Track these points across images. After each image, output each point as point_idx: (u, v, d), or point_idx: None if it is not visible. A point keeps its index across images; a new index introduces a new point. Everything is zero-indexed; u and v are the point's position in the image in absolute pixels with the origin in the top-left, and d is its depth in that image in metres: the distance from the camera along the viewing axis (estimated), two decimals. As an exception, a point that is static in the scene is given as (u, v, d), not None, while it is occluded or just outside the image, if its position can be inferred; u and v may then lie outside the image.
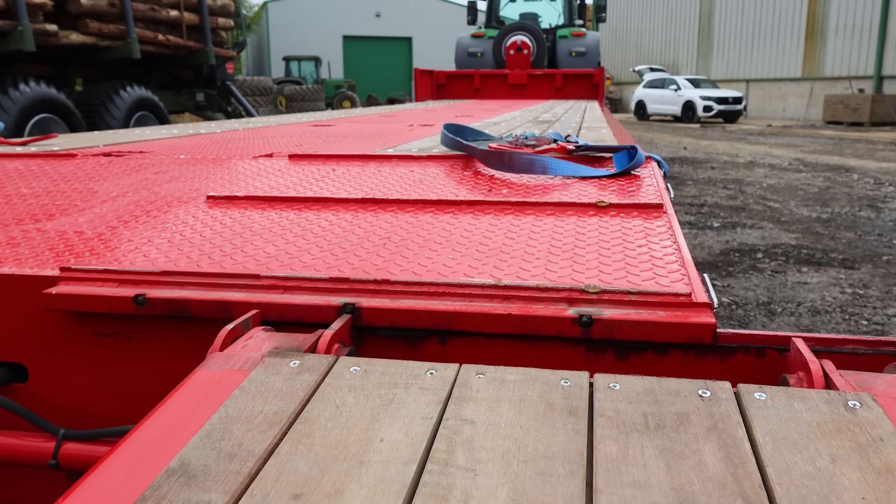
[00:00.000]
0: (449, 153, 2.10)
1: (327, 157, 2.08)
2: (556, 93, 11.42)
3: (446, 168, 1.91)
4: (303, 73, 31.75)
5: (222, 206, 1.58)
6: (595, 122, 4.19)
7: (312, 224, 1.41)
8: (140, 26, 8.07)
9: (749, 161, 11.70)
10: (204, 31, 9.22)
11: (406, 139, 2.83)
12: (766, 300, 3.83)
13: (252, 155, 2.26)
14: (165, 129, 3.68)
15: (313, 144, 2.60)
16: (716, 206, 7.21)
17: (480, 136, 2.29)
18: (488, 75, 11.68)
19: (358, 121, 4.58)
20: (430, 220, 1.41)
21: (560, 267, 1.13)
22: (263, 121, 4.59)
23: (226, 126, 4.01)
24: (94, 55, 7.67)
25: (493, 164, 1.81)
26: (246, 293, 1.09)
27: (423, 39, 43.98)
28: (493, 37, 12.57)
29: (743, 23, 27.70)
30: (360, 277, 1.09)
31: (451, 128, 2.24)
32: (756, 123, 24.01)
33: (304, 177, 1.84)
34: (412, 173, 1.85)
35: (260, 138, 2.94)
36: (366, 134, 3.22)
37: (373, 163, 2.01)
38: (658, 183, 1.68)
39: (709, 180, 9.33)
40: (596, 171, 1.77)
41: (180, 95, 10.10)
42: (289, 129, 3.59)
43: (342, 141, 2.76)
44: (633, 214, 1.42)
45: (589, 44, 12.61)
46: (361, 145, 2.55)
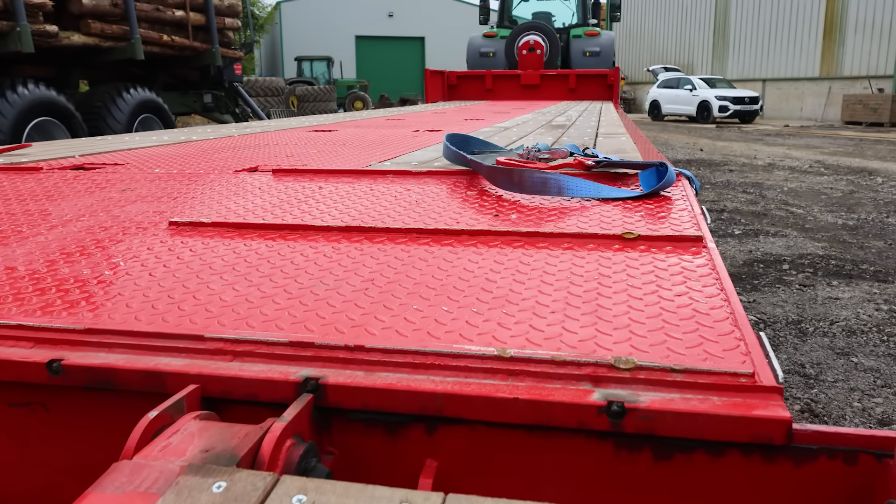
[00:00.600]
0: (452, 168, 1.87)
1: (315, 172, 1.86)
2: (570, 93, 11.16)
3: (448, 186, 1.68)
4: (315, 74, 31.62)
5: (185, 234, 1.36)
6: (612, 126, 3.95)
7: (284, 260, 1.19)
8: (144, 27, 7.90)
9: (768, 163, 11.40)
10: (210, 32, 9.04)
11: (408, 148, 2.61)
12: (795, 318, 3.57)
13: (235, 168, 2.05)
14: (156, 136, 3.48)
15: (306, 155, 2.38)
16: (736, 212, 6.93)
17: (487, 147, 2.06)
18: (500, 76, 11.43)
19: (362, 125, 4.36)
20: (424, 256, 1.19)
21: (580, 325, 0.90)
22: (262, 125, 4.38)
23: (221, 132, 3.80)
24: (97, 56, 7.50)
25: (500, 183, 1.58)
26: (186, 359, 0.87)
27: (436, 39, 43.79)
28: (505, 37, 12.32)
29: (759, 21, 27.29)
30: (329, 342, 0.86)
31: (455, 139, 2.01)
32: (773, 124, 23.62)
33: (286, 196, 1.62)
34: (408, 193, 1.63)
35: (250, 147, 2.73)
36: (366, 141, 3.00)
37: (366, 179, 1.79)
38: (693, 207, 1.45)
39: (727, 184, 9.05)
40: (619, 191, 1.54)
41: (187, 97, 9.93)
42: (286, 136, 3.37)
43: (339, 150, 2.54)
44: (666, 249, 1.19)
45: (603, 43, 12.34)
46: (358, 156, 2.33)
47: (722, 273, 1.08)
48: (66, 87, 7.61)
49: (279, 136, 3.41)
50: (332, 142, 2.97)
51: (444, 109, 7.05)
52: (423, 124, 4.35)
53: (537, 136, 3.20)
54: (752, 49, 27.78)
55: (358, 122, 4.66)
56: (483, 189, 1.65)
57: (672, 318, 0.92)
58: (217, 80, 10.23)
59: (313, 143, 2.89)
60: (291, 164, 2.09)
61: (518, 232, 1.27)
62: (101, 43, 7.23)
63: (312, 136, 3.42)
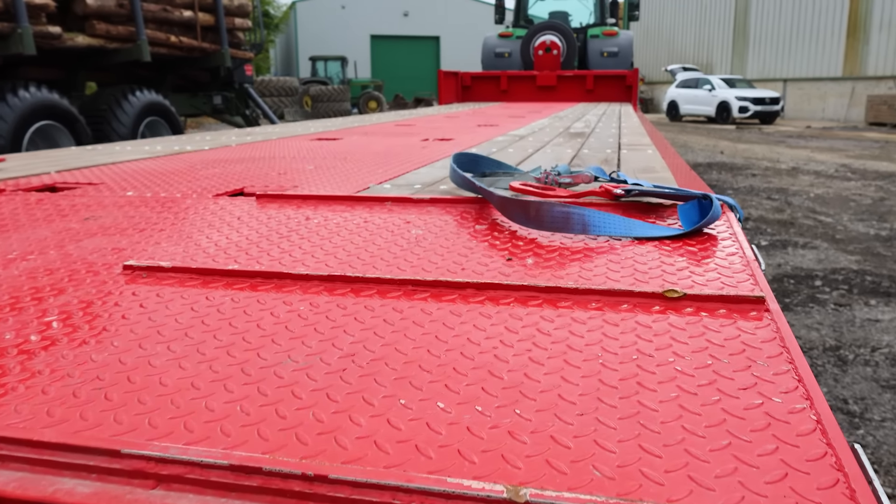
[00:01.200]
0: (459, 195, 1.65)
1: (304, 198, 1.65)
2: (587, 95, 10.89)
3: (453, 218, 1.46)
4: (329, 74, 31.51)
5: (139, 282, 1.15)
6: (635, 135, 3.70)
7: (250, 321, 0.97)
8: (152, 27, 7.74)
9: (792, 167, 11.07)
10: (220, 33, 8.87)
11: (414, 163, 2.39)
12: (833, 343, 3.32)
13: (218, 190, 1.83)
14: (148, 146, 3.28)
15: (301, 172, 2.17)
16: (761, 221, 6.66)
17: (500, 168, 1.83)
18: (516, 77, 11.19)
19: (369, 132, 4.15)
20: (420, 318, 0.97)
21: (618, 438, 0.68)
22: (265, 132, 4.17)
23: (220, 140, 3.60)
24: (103, 58, 7.34)
25: (514, 217, 1.35)
26: (95, 483, 0.65)
27: (451, 39, 43.62)
28: (521, 36, 12.07)
29: (781, 19, 26.83)
30: (282, 469, 0.64)
31: (463, 159, 1.79)
32: (794, 125, 23.18)
33: (267, 230, 1.41)
34: (407, 226, 1.40)
35: (244, 161, 2.52)
36: (370, 154, 2.78)
37: (360, 207, 1.57)
38: (744, 249, 1.22)
39: (751, 189, 8.75)
40: (655, 228, 1.31)
41: (196, 99, 9.78)
42: (285, 146, 3.16)
43: (338, 166, 2.32)
44: (719, 313, 0.96)
45: (622, 43, 12.06)
46: (358, 174, 2.12)
47: (794, 352, 0.85)
48: (72, 89, 7.47)
49: (278, 146, 3.20)
50: (333, 154, 2.76)
51: (457, 113, 6.83)
52: (434, 131, 4.13)
53: (555, 147, 2.96)
54: (773, 48, 27.31)
55: (365, 129, 4.45)
56: (494, 221, 1.42)
57: (740, 429, 0.69)
58: (227, 81, 10.07)
59: (312, 156, 2.68)
60: (281, 186, 1.88)
61: (535, 287, 1.04)
62: (107, 44, 7.07)
63: (314, 146, 3.21)
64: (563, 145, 3.06)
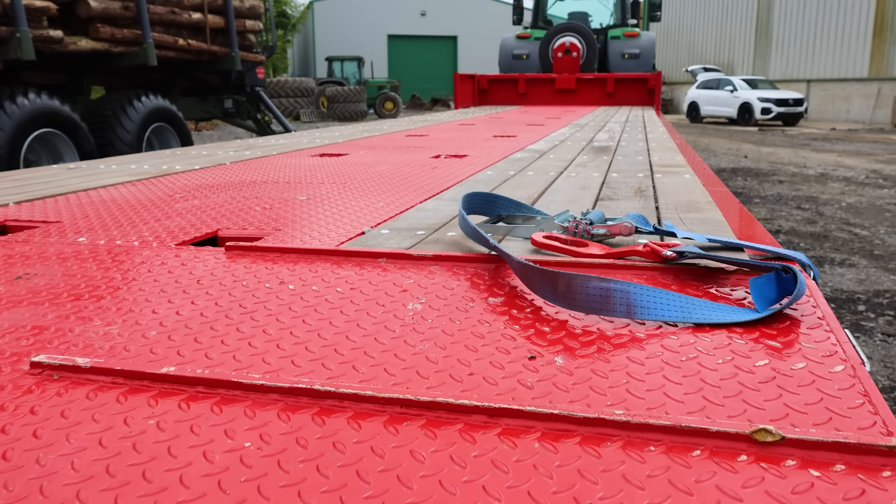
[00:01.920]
0: (469, 250, 1.36)
1: (283, 251, 1.36)
2: (607, 98, 10.56)
3: (460, 285, 1.17)
4: (345, 74, 31.31)
5: (47, 384, 0.87)
6: (665, 150, 3.39)
7: (171, 471, 0.69)
8: (159, 30, 7.52)
9: (820, 173, 10.67)
10: (230, 35, 8.64)
11: (421, 191, 2.11)
12: (888, 383, 2.99)
13: (187, 234, 1.56)
14: (135, 164, 3.02)
15: (289, 206, 1.89)
16: (793, 234, 6.31)
17: (518, 209, 1.54)
18: (534, 79, 10.88)
19: (377, 145, 3.87)
20: (409, 470, 0.68)
21: None
22: (266, 146, 3.91)
23: (216, 156, 3.34)
24: (109, 62, 7.13)
25: (539, 289, 1.06)
26: None
27: (469, 38, 43.37)
28: (539, 38, 11.76)
29: (804, 19, 26.28)
30: None
31: (475, 201, 1.50)
32: (818, 127, 22.66)
33: (227, 303, 1.13)
34: (403, 296, 1.12)
35: (229, 188, 2.24)
36: (374, 176, 2.50)
37: (347, 266, 1.28)
38: (841, 343, 0.92)
39: (779, 198, 8.39)
40: (720, 310, 1.01)
41: (207, 102, 9.56)
42: (283, 165, 2.89)
43: (333, 197, 2.04)
44: (835, 471, 0.67)
45: (643, 45, 11.72)
46: (355, 207, 1.84)
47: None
48: (77, 94, 7.27)
49: (276, 164, 2.93)
50: (333, 177, 2.48)
51: (473, 120, 6.54)
52: (446, 144, 3.84)
53: (579, 169, 2.67)
54: (797, 48, 26.77)
55: (374, 141, 4.17)
56: (513, 290, 1.13)
57: None
58: (238, 84, 9.84)
59: (309, 180, 2.40)
60: (261, 228, 1.60)
61: (570, 417, 0.75)
62: (112, 48, 6.86)
63: (314, 164, 2.93)
64: (587, 165, 2.76)
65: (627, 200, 1.89)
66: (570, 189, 2.11)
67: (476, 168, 2.73)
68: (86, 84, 7.42)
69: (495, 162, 2.93)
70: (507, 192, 2.08)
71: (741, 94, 23.51)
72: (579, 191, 2.07)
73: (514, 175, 2.48)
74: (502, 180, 2.35)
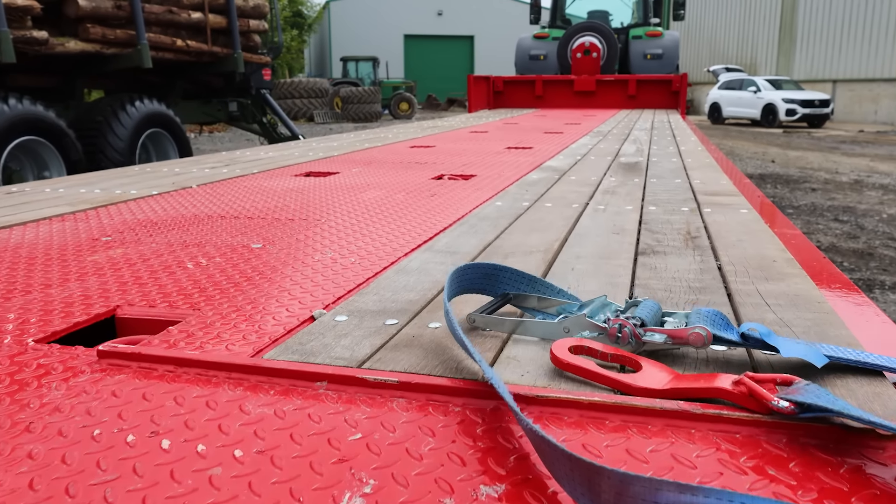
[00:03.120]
0: (454, 355, 0.91)
1: (177, 362, 0.92)
2: (629, 101, 10.06)
3: (432, 451, 0.71)
4: (360, 74, 30.91)
5: None
6: (706, 168, 2.92)
7: None
8: (156, 31, 7.13)
9: (854, 180, 10.11)
10: (232, 35, 8.24)
11: (412, 233, 1.66)
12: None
13: (75, 314, 1.12)
14: (86, 187, 2.59)
15: (235, 257, 1.45)
16: (834, 251, 5.80)
17: (531, 286, 1.08)
18: (552, 81, 10.39)
19: (375, 160, 3.42)
20: None
21: None
22: (249, 162, 3.47)
23: (188, 175, 2.91)
24: (100, 64, 6.75)
25: (566, 482, 0.61)
26: None
27: (485, 38, 42.93)
28: (557, 38, 11.27)
29: (830, 17, 25.54)
30: None
31: (469, 277, 1.04)
32: (845, 129, 21.95)
33: (64, 474, 0.68)
34: (340, 475, 0.67)
35: (172, 228, 1.80)
36: (360, 206, 2.05)
37: (271, 393, 0.83)
38: None
39: (813, 209, 7.86)
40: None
41: (210, 106, 9.16)
42: (256, 190, 2.45)
43: (300, 241, 1.60)
44: None
45: (666, 45, 11.21)
46: (317, 263, 1.40)
47: None
48: (69, 98, 6.90)
49: (248, 188, 2.48)
50: (306, 212, 2.03)
51: (486, 126, 6.08)
52: (453, 158, 3.39)
53: (608, 197, 2.20)
54: (822, 47, 26.03)
55: (372, 155, 3.72)
56: (523, 469, 0.68)
57: None
58: (243, 87, 9.45)
59: (276, 215, 1.96)
60: (175, 303, 1.15)
61: None
62: (104, 50, 6.46)
63: (294, 188, 2.49)
64: (617, 192, 2.30)
65: (677, 255, 1.43)
66: (600, 233, 1.65)
67: (482, 195, 2.28)
68: (78, 87, 7.05)
69: (506, 186, 2.47)
70: (520, 237, 1.62)
71: (765, 95, 22.85)
72: (611, 237, 1.61)
73: (528, 208, 2.03)
74: (513, 216, 1.89)
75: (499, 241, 1.58)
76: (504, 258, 1.43)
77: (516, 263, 1.37)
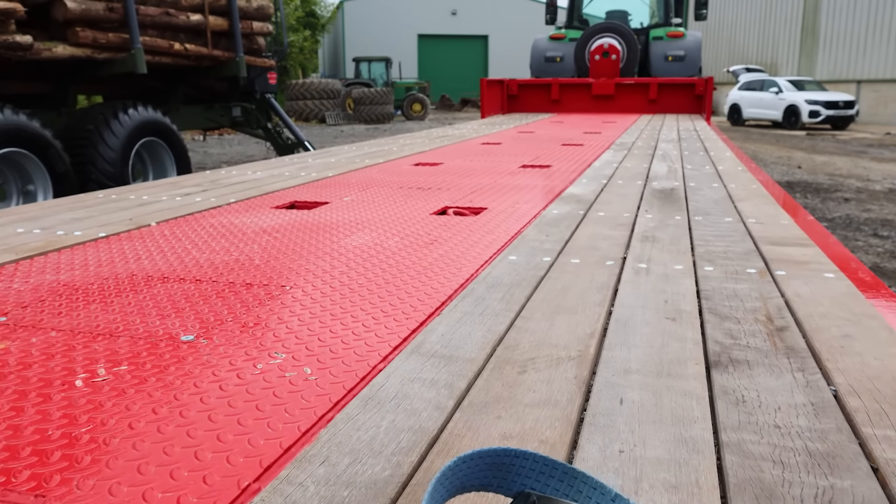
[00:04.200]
0: None
1: None
2: (650, 106, 9.59)
3: None
4: (373, 75, 30.53)
5: None
6: (756, 200, 2.48)
7: None
8: (152, 34, 6.76)
9: (889, 188, 9.59)
10: (234, 38, 7.86)
11: (406, 307, 1.25)
12: None
13: None
14: (24, 225, 2.20)
15: (156, 368, 1.05)
16: (878, 272, 5.32)
17: (569, 485, 0.67)
18: (568, 85, 9.95)
19: (372, 183, 3.01)
20: None
21: None
22: (231, 186, 3.07)
23: (140, 211, 2.51)
24: (92, 70, 6.39)
25: None
26: None
27: (500, 38, 42.48)
28: (574, 39, 10.81)
29: (855, 15, 24.88)
30: None
31: (467, 473, 0.64)
32: (870, 131, 21.31)
33: None
34: None
35: (90, 301, 1.40)
36: (339, 260, 1.64)
37: None
38: None
39: (849, 222, 7.37)
40: None
41: (213, 111, 8.79)
42: (221, 230, 2.04)
43: (253, 326, 1.19)
44: None
45: (689, 46, 10.72)
46: (281, 349, 0.99)
47: None
48: (61, 105, 6.55)
49: (214, 227, 2.08)
50: (274, 265, 1.62)
51: (500, 137, 5.65)
52: (460, 182, 2.98)
53: (648, 251, 1.78)
54: (846, 47, 25.36)
55: (370, 176, 3.31)
56: None
57: None
58: (247, 91, 9.08)
59: (230, 277, 1.55)
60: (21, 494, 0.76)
61: None
62: (95, 54, 6.10)
63: (269, 227, 2.09)
64: (658, 240, 1.88)
65: (767, 370, 1.00)
66: (649, 318, 1.23)
67: (493, 240, 1.86)
68: (72, 94, 6.69)
69: (522, 228, 2.06)
70: (542, 324, 1.20)
71: (787, 96, 22.25)
72: (666, 326, 1.19)
73: (550, 266, 1.61)
74: (532, 282, 1.47)
75: (514, 334, 1.17)
76: (522, 370, 1.01)
77: (538, 381, 0.96)
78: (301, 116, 26.13)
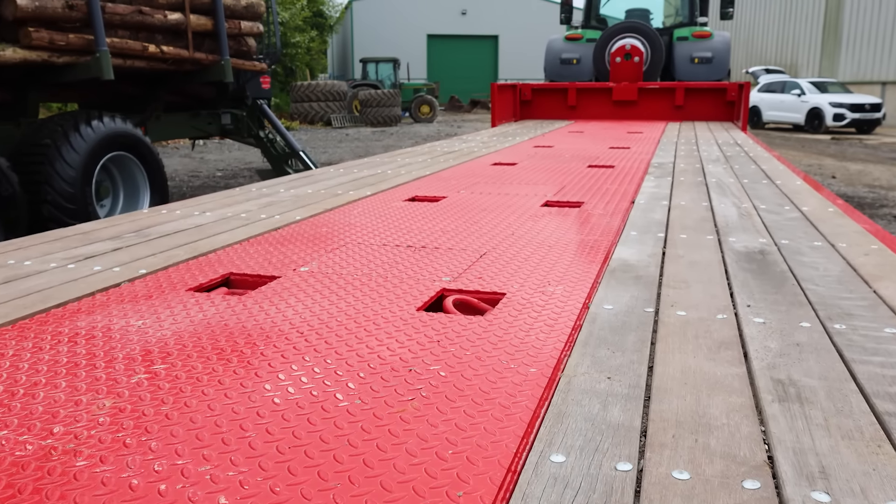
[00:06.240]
0: None
1: None
2: (676, 112, 8.77)
3: None
4: (380, 76, 29.78)
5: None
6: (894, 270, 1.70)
7: None
8: (123, 35, 6.01)
9: (938, 203, 8.74)
10: (219, 39, 7.11)
11: None
12: None
13: None
14: None
15: None
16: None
17: None
18: (587, 89, 9.15)
19: (347, 240, 2.23)
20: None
21: None
22: (155, 241, 2.30)
23: (44, 281, 1.74)
24: (52, 75, 5.65)
25: None
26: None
27: (511, 38, 41.71)
28: (592, 39, 10.00)
29: (880, 14, 23.93)
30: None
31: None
32: (898, 135, 20.39)
33: None
34: None
35: None
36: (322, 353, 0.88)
37: None
38: None
39: (907, 245, 6.53)
40: None
41: (199, 119, 8.06)
42: (85, 345, 1.29)
43: None
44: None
45: (716, 47, 9.89)
46: None
47: None
48: (20, 115, 5.82)
49: (84, 335, 1.32)
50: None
51: (513, 154, 4.86)
52: (464, 230, 2.20)
53: (798, 420, 1.00)
54: (870, 47, 24.42)
55: (349, 220, 2.52)
56: None
57: None
58: (238, 97, 8.34)
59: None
60: None
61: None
62: (53, 58, 5.36)
63: (171, 342, 1.33)
64: (802, 399, 1.10)
65: None
66: None
67: (512, 408, 1.09)
68: (31, 103, 5.96)
69: (562, 353, 1.28)
70: None
71: (810, 99, 21.35)
72: None
73: (624, 481, 0.83)
74: None
75: None
76: None
77: None
78: (306, 119, 25.41)
